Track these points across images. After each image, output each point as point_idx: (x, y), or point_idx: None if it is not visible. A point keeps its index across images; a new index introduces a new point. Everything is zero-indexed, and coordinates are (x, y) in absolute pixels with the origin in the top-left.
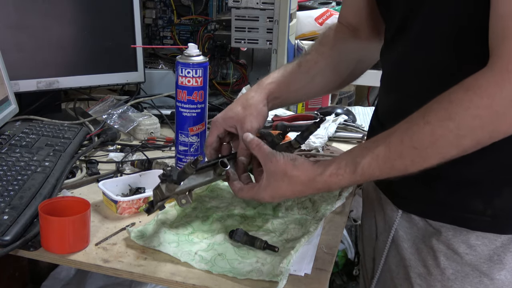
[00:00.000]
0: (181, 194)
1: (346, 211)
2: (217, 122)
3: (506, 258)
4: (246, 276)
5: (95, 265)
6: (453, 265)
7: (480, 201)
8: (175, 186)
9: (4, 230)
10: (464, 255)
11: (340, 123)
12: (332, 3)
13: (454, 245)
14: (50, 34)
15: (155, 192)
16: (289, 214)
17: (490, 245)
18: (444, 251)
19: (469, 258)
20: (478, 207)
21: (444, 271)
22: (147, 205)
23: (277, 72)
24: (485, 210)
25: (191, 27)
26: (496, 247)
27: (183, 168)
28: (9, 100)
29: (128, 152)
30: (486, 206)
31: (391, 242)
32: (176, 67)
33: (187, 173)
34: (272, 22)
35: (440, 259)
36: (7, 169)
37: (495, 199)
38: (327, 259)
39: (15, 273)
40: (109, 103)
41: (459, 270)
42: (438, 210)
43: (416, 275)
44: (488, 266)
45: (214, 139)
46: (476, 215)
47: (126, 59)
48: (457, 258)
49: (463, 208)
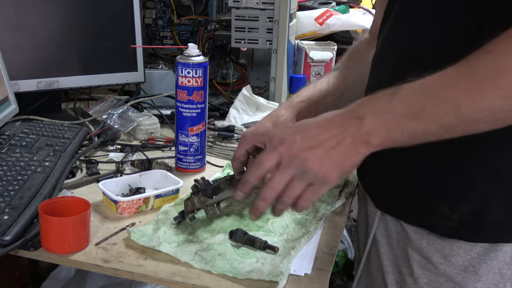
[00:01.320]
0: (210, 206)
1: (346, 211)
2: (247, 137)
3: (481, 270)
4: (246, 276)
5: (95, 265)
6: (427, 274)
7: (446, 205)
8: (207, 199)
9: (4, 230)
10: (438, 264)
11: None
12: (332, 3)
13: (428, 254)
14: (50, 34)
15: (186, 203)
16: (289, 214)
17: (465, 256)
18: (418, 260)
19: (443, 268)
20: (444, 211)
21: (417, 280)
22: (178, 215)
23: (307, 89)
24: (452, 215)
25: (191, 27)
26: (472, 258)
27: (218, 184)
28: (9, 100)
29: (128, 152)
30: (453, 211)
31: (371, 245)
32: (176, 67)
33: (221, 189)
34: (272, 22)
35: (414, 268)
36: (7, 169)
37: (462, 205)
38: (327, 259)
39: (15, 273)
40: (109, 103)
41: (433, 280)
42: (408, 211)
43: (393, 282)
44: (463, 277)
45: (242, 153)
46: (443, 220)
47: (126, 59)
48: (431, 267)
49: (431, 211)
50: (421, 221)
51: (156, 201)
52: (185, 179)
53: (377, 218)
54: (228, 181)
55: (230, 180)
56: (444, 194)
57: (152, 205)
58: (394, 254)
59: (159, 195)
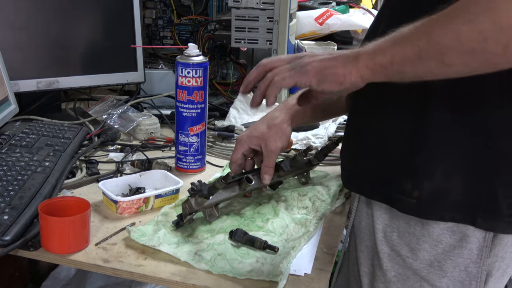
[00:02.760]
0: (208, 207)
1: (346, 211)
2: (242, 140)
3: (446, 266)
4: (246, 276)
5: (95, 265)
6: (395, 267)
7: (409, 182)
8: (204, 200)
9: (4, 230)
10: (405, 258)
11: (340, 123)
12: (332, 3)
13: (397, 247)
14: (50, 34)
15: (184, 205)
16: (289, 214)
17: (431, 251)
18: (388, 253)
19: (409, 262)
20: (406, 187)
21: (386, 272)
22: (176, 219)
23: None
24: (412, 192)
25: (191, 27)
26: (437, 253)
27: (214, 183)
28: (9, 100)
29: (128, 152)
30: (414, 187)
31: (349, 235)
32: (176, 67)
33: (217, 188)
34: (272, 22)
35: (383, 260)
36: (7, 169)
37: (425, 182)
38: (327, 259)
39: (15, 273)
40: (109, 103)
41: (401, 273)
42: (372, 186)
43: (365, 274)
44: (428, 271)
45: (239, 156)
46: (403, 196)
47: (126, 59)
48: (400, 260)
49: (393, 186)
50: (381, 196)
51: (156, 201)
52: (185, 179)
53: (354, 207)
54: (223, 179)
55: (225, 179)
56: (409, 170)
57: (152, 205)
58: (366, 246)
59: (159, 195)
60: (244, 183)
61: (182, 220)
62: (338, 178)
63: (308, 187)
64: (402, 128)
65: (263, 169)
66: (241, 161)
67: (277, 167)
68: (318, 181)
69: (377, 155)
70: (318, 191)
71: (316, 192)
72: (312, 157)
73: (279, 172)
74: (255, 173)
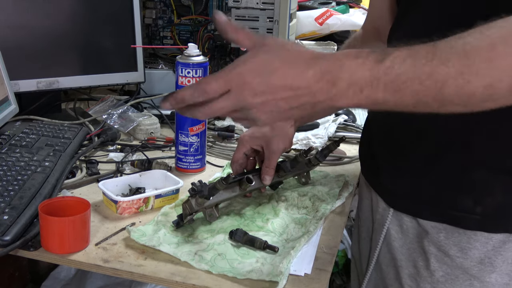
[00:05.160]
0: (209, 208)
1: (346, 211)
2: (244, 140)
3: (496, 261)
4: (246, 276)
5: (95, 265)
6: (443, 267)
7: (470, 199)
8: (205, 201)
9: (4, 230)
10: (455, 257)
11: (340, 123)
12: (332, 3)
13: (445, 247)
14: (50, 34)
15: (184, 206)
16: (289, 214)
17: (482, 249)
18: (435, 253)
19: (459, 261)
20: (468, 204)
21: (433, 273)
22: (176, 219)
23: None
24: (474, 208)
25: (191, 27)
26: (488, 250)
27: (214, 184)
28: (9, 100)
29: (128, 152)
30: (476, 204)
31: (382, 241)
32: (176, 67)
33: (217, 189)
34: (272, 22)
35: (431, 261)
36: (7, 169)
37: (486, 198)
38: (327, 259)
39: (15, 273)
40: (109, 103)
41: (449, 273)
42: (428, 208)
43: (407, 276)
44: (479, 269)
45: (240, 156)
46: (466, 214)
47: (126, 59)
48: (448, 260)
49: (452, 206)
50: (440, 217)
51: (156, 201)
52: (185, 179)
53: (389, 215)
54: (223, 180)
55: (226, 180)
56: (469, 188)
57: (152, 205)
58: (408, 248)
59: (159, 195)
60: (244, 184)
61: (182, 220)
62: (338, 178)
63: (308, 187)
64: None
65: (264, 169)
66: (243, 160)
67: (278, 168)
68: (318, 181)
69: (427, 175)
70: (318, 191)
71: (316, 192)
72: (313, 157)
73: (280, 173)
74: (255, 173)
